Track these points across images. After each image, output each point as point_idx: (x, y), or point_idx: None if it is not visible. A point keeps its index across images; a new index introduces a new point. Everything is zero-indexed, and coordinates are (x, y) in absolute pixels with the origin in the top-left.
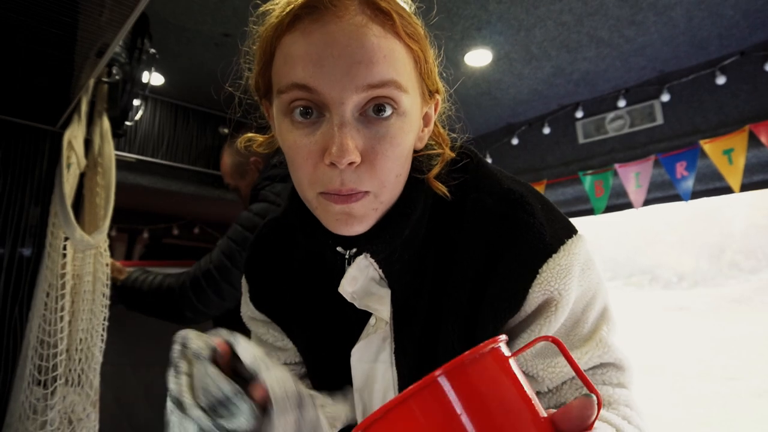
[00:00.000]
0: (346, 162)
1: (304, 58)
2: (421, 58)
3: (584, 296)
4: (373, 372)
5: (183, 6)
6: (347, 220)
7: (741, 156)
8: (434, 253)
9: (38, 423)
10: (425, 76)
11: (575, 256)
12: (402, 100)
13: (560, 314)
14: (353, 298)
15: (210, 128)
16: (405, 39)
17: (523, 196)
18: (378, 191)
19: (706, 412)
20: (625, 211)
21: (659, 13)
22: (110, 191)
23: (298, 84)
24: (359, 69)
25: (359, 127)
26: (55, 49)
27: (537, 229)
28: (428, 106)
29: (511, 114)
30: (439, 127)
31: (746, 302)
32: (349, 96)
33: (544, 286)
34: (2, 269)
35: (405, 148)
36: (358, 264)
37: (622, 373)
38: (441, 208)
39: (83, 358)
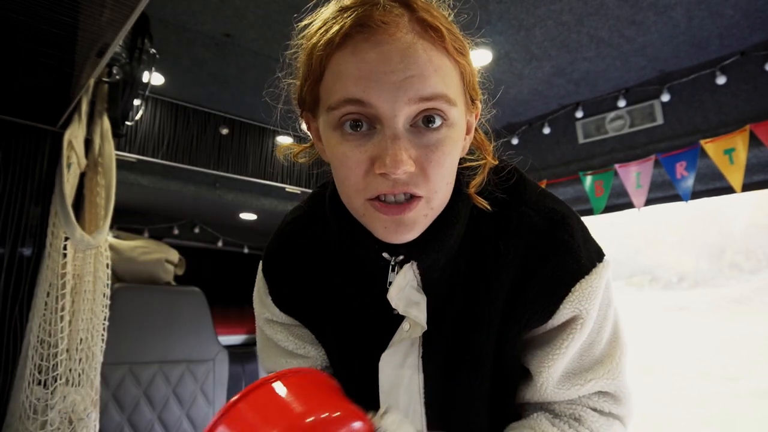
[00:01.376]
0: (402, 172)
1: (356, 74)
2: (467, 71)
3: (599, 317)
4: (400, 377)
5: (183, 6)
6: (397, 228)
7: (742, 156)
8: (469, 262)
9: (38, 423)
10: (470, 87)
11: (602, 280)
12: (451, 113)
13: (584, 332)
14: (396, 304)
15: (210, 128)
16: (453, 54)
17: (566, 217)
18: (430, 197)
19: (706, 412)
20: (625, 211)
21: (659, 13)
22: (110, 191)
23: (351, 99)
24: (412, 83)
25: (411, 137)
26: (55, 49)
27: (574, 250)
28: (471, 115)
29: (511, 114)
30: (481, 134)
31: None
32: (402, 108)
33: (574, 304)
34: (2, 269)
35: (454, 157)
36: (404, 272)
37: (617, 405)
38: (483, 218)
39: (84, 357)
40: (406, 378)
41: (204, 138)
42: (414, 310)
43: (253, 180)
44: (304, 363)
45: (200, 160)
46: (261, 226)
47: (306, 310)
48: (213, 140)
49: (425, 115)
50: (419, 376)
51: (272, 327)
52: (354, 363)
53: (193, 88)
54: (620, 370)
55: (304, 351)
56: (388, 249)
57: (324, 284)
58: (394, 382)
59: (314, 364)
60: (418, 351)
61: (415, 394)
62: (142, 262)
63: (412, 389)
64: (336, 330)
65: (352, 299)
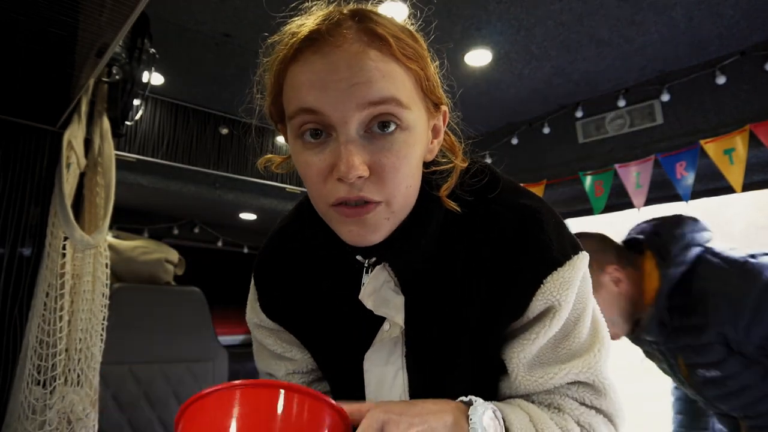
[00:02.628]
0: (354, 176)
1: (308, 84)
2: (421, 76)
3: (576, 309)
4: (385, 375)
5: (183, 6)
6: (359, 231)
7: (742, 156)
8: (445, 262)
9: (37, 423)
10: (428, 92)
11: (578, 272)
12: (404, 116)
13: (557, 322)
14: (372, 306)
15: (210, 128)
16: (403, 60)
17: (536, 212)
18: (389, 200)
19: None
20: (625, 211)
21: (659, 13)
22: (110, 191)
23: (304, 108)
24: (359, 89)
25: (365, 143)
26: (55, 49)
27: (546, 244)
28: (435, 119)
29: (511, 114)
30: (452, 137)
31: None
32: (352, 114)
33: (546, 295)
34: (2, 269)
35: (412, 161)
36: (377, 273)
37: (599, 397)
38: (455, 219)
39: (83, 357)
40: (390, 376)
41: (204, 138)
42: (391, 310)
43: (253, 180)
44: (291, 365)
45: (200, 160)
46: (261, 226)
47: (292, 317)
48: (213, 140)
49: (379, 120)
50: (404, 374)
51: (261, 332)
52: (341, 365)
53: (193, 88)
54: (599, 363)
55: (291, 354)
56: (362, 252)
57: (312, 289)
58: (380, 380)
59: (300, 366)
60: (402, 349)
61: (400, 392)
62: (142, 262)
63: (397, 387)
64: (323, 333)
65: (339, 303)
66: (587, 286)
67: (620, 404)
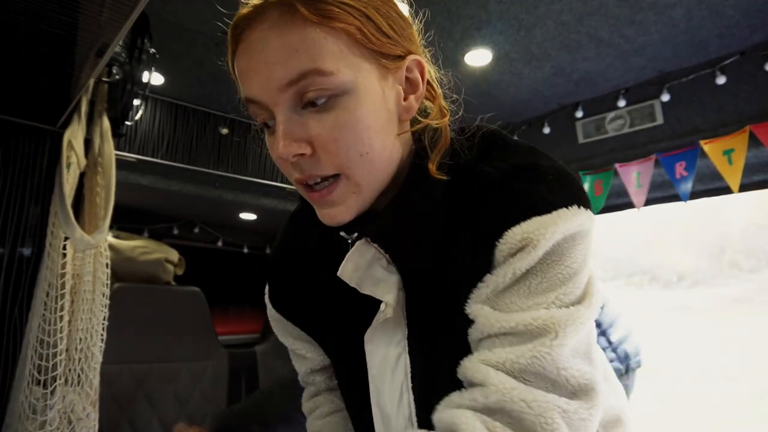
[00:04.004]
0: (290, 155)
1: (241, 75)
2: (352, 31)
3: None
4: (387, 358)
5: (183, 6)
6: (329, 212)
7: (741, 157)
8: (440, 233)
9: (38, 423)
10: (371, 45)
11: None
12: (332, 82)
13: (533, 254)
14: (358, 284)
15: (210, 128)
16: (322, 21)
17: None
18: (346, 173)
19: (707, 412)
20: (625, 211)
21: (659, 13)
22: (110, 191)
23: (247, 98)
24: (275, 71)
25: (303, 120)
26: (55, 49)
27: (525, 192)
28: (400, 72)
29: (511, 114)
30: (434, 86)
31: (746, 302)
32: (278, 97)
33: (517, 236)
34: (2, 269)
35: (359, 124)
36: (358, 248)
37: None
38: (453, 186)
39: (83, 357)
40: (392, 359)
41: (204, 138)
42: (379, 289)
43: (253, 180)
44: (308, 364)
45: (200, 160)
46: (261, 226)
47: (297, 308)
48: (213, 140)
49: (304, 94)
50: (406, 358)
51: (276, 326)
52: (345, 350)
53: (193, 88)
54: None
55: (302, 352)
56: (345, 228)
57: (312, 274)
58: (383, 362)
59: (315, 364)
60: (404, 332)
61: (403, 377)
62: (142, 262)
63: (400, 372)
64: (325, 320)
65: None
66: (583, 247)
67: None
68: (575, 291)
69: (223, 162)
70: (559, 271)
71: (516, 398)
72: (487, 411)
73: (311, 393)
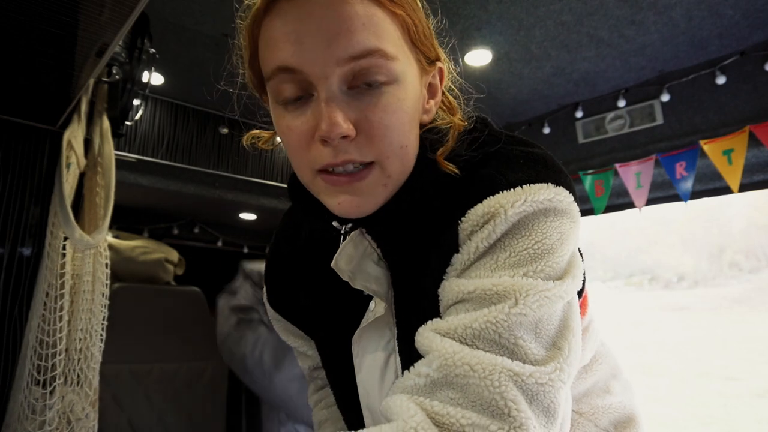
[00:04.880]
0: (337, 135)
1: (282, 39)
2: (409, 23)
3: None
4: (377, 360)
5: (183, 6)
6: (351, 201)
7: (741, 156)
8: (438, 232)
9: (37, 423)
10: (418, 42)
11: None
12: (391, 68)
13: (499, 226)
14: (350, 278)
15: (210, 128)
16: (387, 4)
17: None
18: (383, 162)
19: (706, 412)
20: (625, 210)
21: (659, 13)
22: (110, 191)
23: (281, 66)
24: (339, 41)
25: (349, 100)
26: (55, 49)
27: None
28: (429, 75)
29: (511, 114)
30: (449, 97)
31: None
32: (333, 70)
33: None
34: (2, 269)
35: (404, 116)
36: (353, 239)
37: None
38: (452, 185)
39: (82, 357)
40: (381, 360)
41: (204, 138)
42: (373, 285)
43: (253, 180)
44: (310, 361)
45: (200, 160)
46: (261, 226)
47: (291, 306)
48: (213, 140)
49: (362, 74)
50: (396, 359)
51: (276, 326)
52: (333, 351)
53: (193, 88)
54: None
55: (303, 350)
56: (339, 217)
57: (303, 271)
58: (370, 367)
59: (316, 362)
60: (393, 332)
61: (393, 378)
62: (141, 262)
63: (390, 373)
64: (316, 317)
65: (325, 281)
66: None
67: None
68: (548, 270)
69: (223, 162)
70: (528, 245)
71: (459, 362)
72: (430, 387)
73: (317, 386)
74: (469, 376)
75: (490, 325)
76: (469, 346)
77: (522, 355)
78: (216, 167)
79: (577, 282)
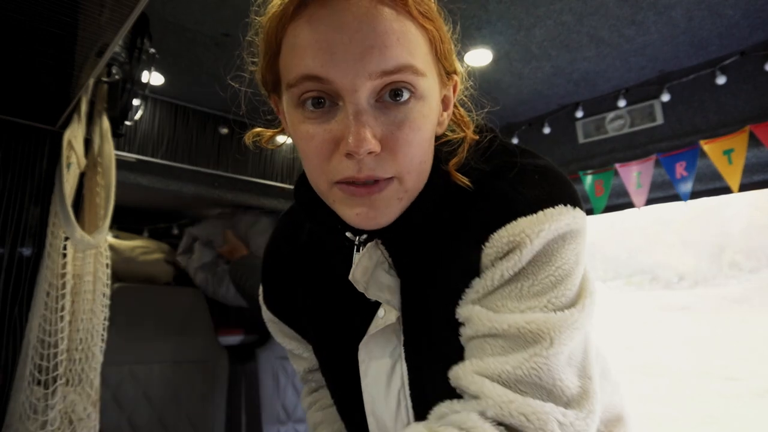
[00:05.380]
0: (365, 152)
1: (313, 46)
2: (436, 38)
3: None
4: (383, 367)
5: (183, 6)
6: (368, 213)
7: (741, 156)
8: (446, 243)
9: (38, 423)
10: (442, 57)
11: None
12: (419, 84)
13: (524, 255)
14: (364, 288)
15: (210, 128)
16: (419, 18)
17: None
18: (403, 177)
19: (706, 412)
20: (625, 210)
21: (659, 13)
22: (110, 191)
23: (308, 75)
24: (372, 54)
25: (376, 114)
26: (55, 49)
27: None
28: (446, 89)
29: (511, 114)
30: (460, 110)
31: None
32: (363, 83)
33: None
34: (2, 269)
35: (426, 133)
36: (369, 251)
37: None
38: (462, 197)
39: (83, 357)
40: (388, 368)
41: (204, 138)
42: (385, 294)
43: (253, 180)
44: (306, 363)
45: (200, 160)
46: None
47: (291, 309)
48: (213, 140)
49: (392, 88)
50: (402, 366)
51: (271, 327)
52: (337, 357)
53: (193, 88)
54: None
55: (299, 352)
56: (352, 228)
57: (309, 277)
58: (377, 373)
59: (312, 364)
60: (400, 339)
61: (400, 385)
62: (141, 262)
63: (397, 381)
64: (319, 323)
65: (333, 288)
66: (575, 246)
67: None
68: (568, 293)
69: (223, 162)
70: (550, 272)
71: (515, 412)
72: None
73: (311, 389)
74: (525, 426)
75: (533, 370)
76: (521, 394)
77: (560, 394)
78: (216, 167)
79: (593, 299)
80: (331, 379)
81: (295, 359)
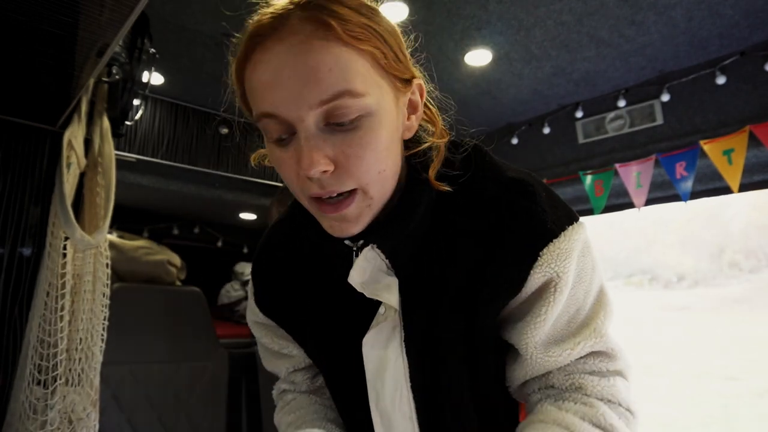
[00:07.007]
0: (316, 173)
1: (261, 88)
2: (377, 55)
3: (583, 280)
4: (385, 360)
5: (183, 6)
6: (341, 225)
7: (741, 156)
8: (438, 242)
9: (38, 423)
10: (390, 69)
11: (575, 242)
12: (361, 104)
13: (561, 295)
14: (363, 288)
15: (210, 128)
16: (352, 42)
17: (526, 184)
18: (364, 188)
19: (706, 412)
20: (625, 210)
21: (659, 13)
22: (110, 191)
23: (264, 113)
24: (308, 88)
25: (326, 136)
26: (55, 49)
27: (539, 216)
28: (408, 94)
29: (511, 114)
30: (432, 110)
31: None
32: (307, 113)
33: (544, 268)
34: (2, 269)
35: (378, 145)
36: (365, 255)
37: (613, 362)
38: (445, 198)
39: (83, 357)
40: (390, 362)
41: (204, 138)
42: (383, 293)
43: (253, 180)
44: (290, 362)
45: (200, 160)
46: (261, 226)
47: (285, 311)
48: (213, 140)
49: (335, 113)
50: (404, 360)
51: (258, 329)
52: (338, 353)
53: (193, 88)
54: (605, 328)
55: (287, 351)
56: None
57: (305, 279)
58: (380, 364)
59: (298, 363)
60: (401, 334)
61: (401, 378)
62: (144, 263)
63: (398, 374)
64: (318, 323)
65: (332, 290)
66: (590, 255)
67: (627, 358)
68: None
69: (223, 162)
70: (579, 291)
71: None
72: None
73: (286, 401)
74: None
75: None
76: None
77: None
78: (216, 167)
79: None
80: (333, 378)
81: (280, 359)
